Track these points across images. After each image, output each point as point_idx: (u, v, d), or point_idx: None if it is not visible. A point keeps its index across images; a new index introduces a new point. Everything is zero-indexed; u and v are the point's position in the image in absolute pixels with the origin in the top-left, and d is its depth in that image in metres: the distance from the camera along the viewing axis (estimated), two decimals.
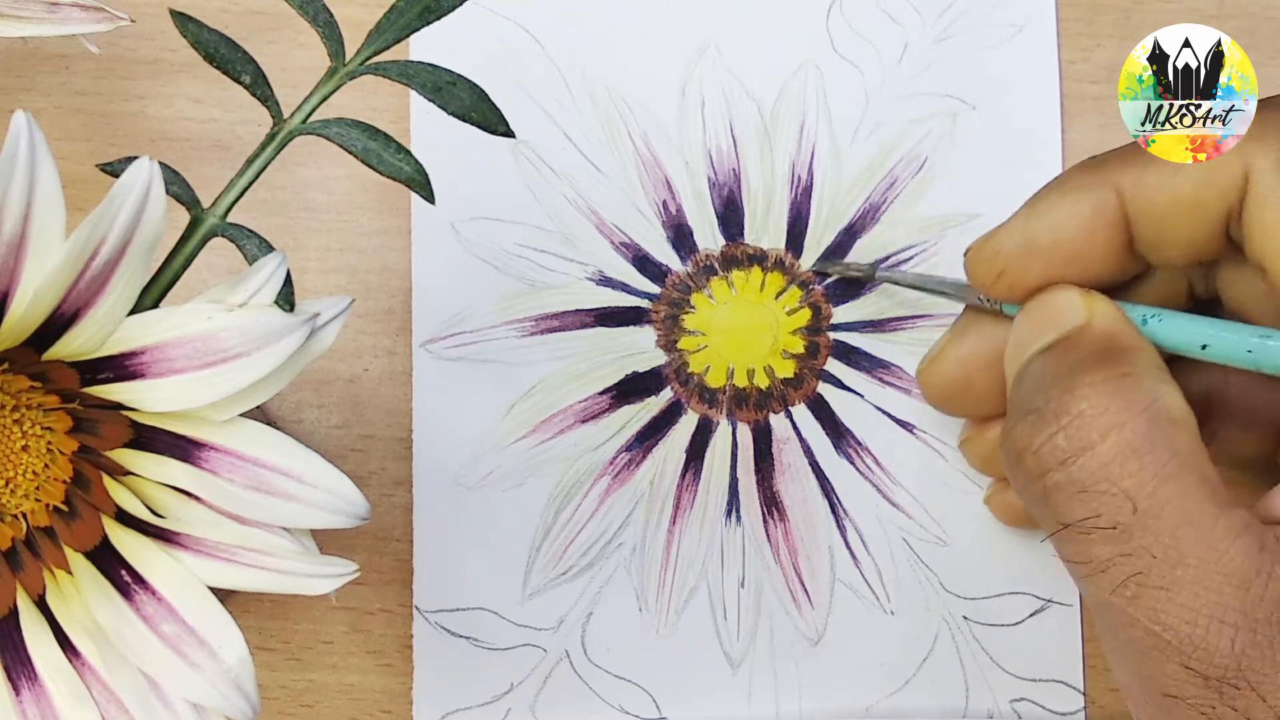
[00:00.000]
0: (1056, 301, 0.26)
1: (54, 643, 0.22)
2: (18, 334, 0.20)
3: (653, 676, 0.33)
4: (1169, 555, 0.22)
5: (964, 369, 0.29)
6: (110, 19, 0.28)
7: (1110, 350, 0.24)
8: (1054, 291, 0.26)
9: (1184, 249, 0.25)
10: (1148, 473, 0.22)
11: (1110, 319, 0.25)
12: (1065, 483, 0.23)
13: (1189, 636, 0.22)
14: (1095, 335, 0.24)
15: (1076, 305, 0.25)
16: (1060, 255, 0.26)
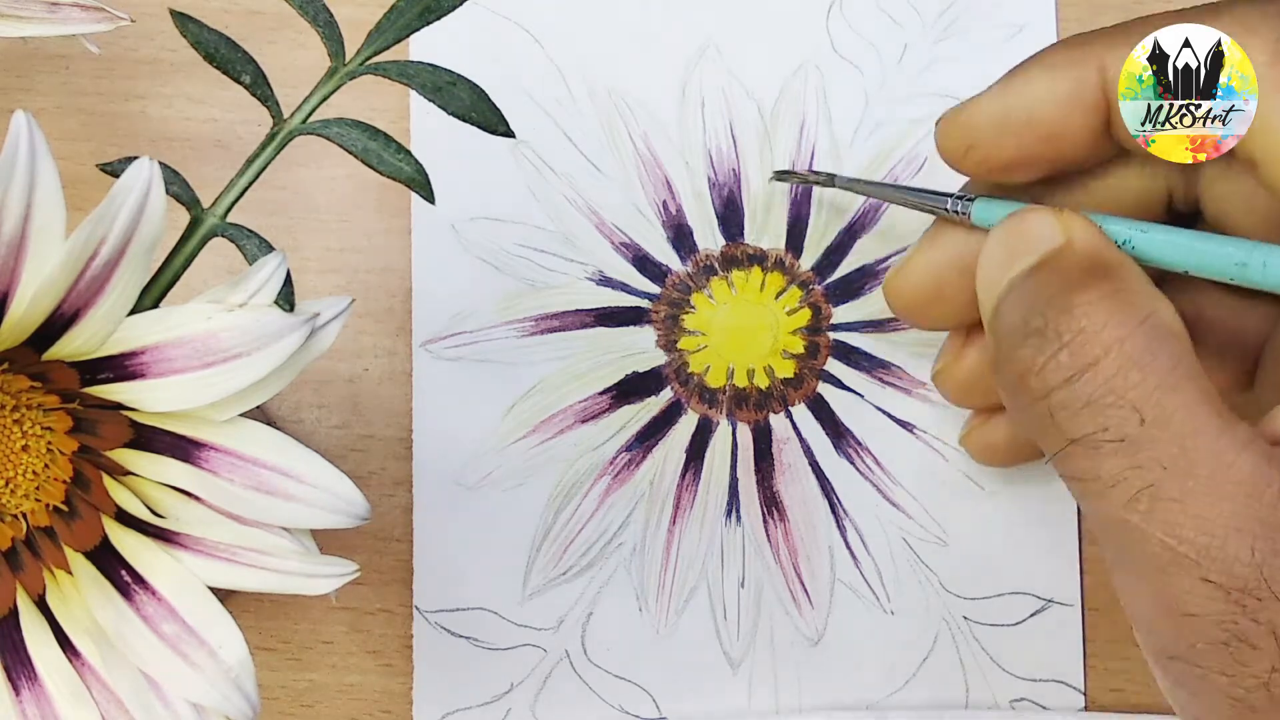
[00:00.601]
0: (1030, 224, 0.25)
1: (54, 643, 0.22)
2: (18, 334, 0.20)
3: (653, 676, 0.33)
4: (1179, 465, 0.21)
5: (934, 277, 0.28)
6: (110, 19, 0.28)
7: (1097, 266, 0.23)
8: (1026, 214, 0.25)
9: None
10: (1151, 383, 0.22)
11: (1090, 236, 0.24)
12: (1070, 399, 0.23)
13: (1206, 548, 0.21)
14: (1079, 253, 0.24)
15: (1052, 226, 0.24)
16: (1035, 133, 0.25)
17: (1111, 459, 0.22)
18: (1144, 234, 0.24)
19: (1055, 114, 0.25)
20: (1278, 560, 0.21)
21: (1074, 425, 0.23)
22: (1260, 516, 0.21)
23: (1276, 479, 0.21)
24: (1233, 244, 0.24)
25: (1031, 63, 0.25)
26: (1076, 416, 0.23)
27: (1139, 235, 0.24)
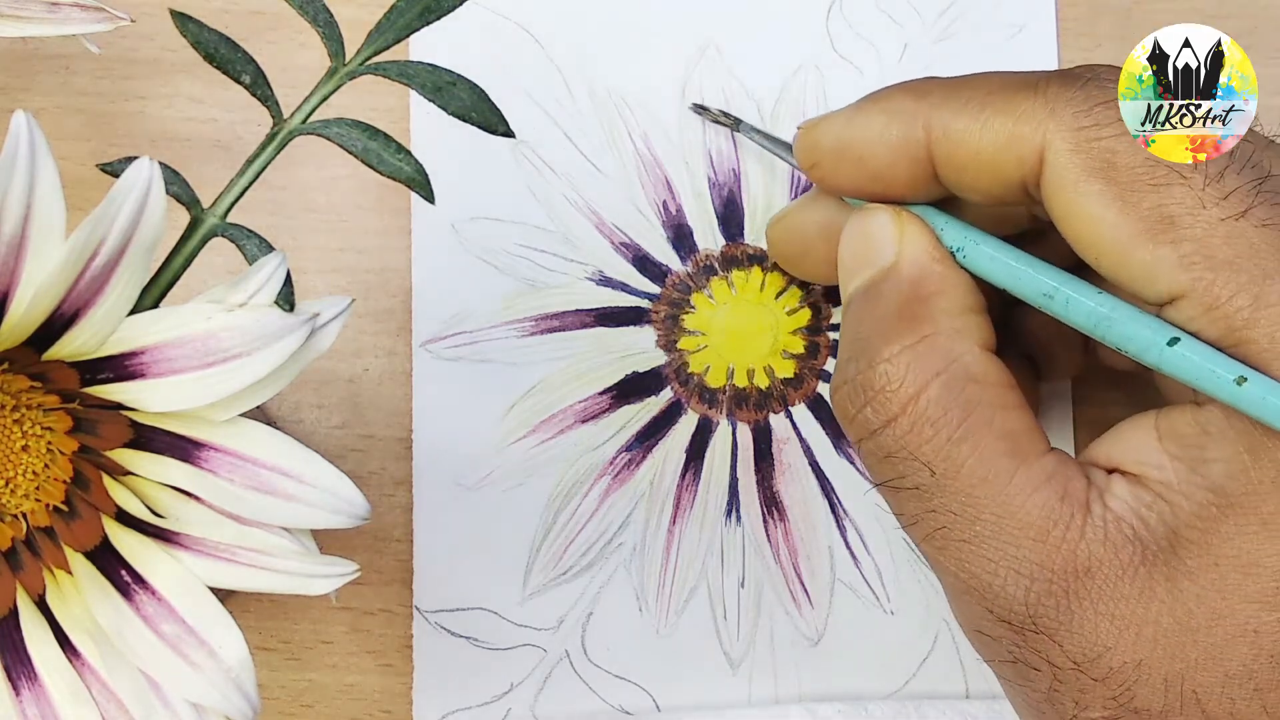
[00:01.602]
0: (871, 227, 0.26)
1: (54, 643, 0.22)
2: (18, 334, 0.20)
3: (653, 676, 0.33)
4: (966, 512, 0.23)
5: (804, 236, 0.30)
6: (110, 19, 0.28)
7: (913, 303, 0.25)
8: (870, 214, 0.26)
9: (984, 197, 0.25)
10: (942, 438, 0.23)
11: (917, 255, 0.25)
12: (875, 449, 0.25)
13: (990, 585, 0.23)
14: (901, 280, 0.25)
15: (888, 236, 0.25)
16: (866, 171, 0.26)
17: (910, 502, 0.24)
18: (975, 245, 0.25)
19: (884, 159, 0.25)
20: (1050, 601, 0.22)
21: (877, 471, 0.25)
22: (1040, 559, 0.22)
23: (1064, 519, 0.23)
24: (1047, 273, 0.24)
25: (875, 100, 0.26)
26: (880, 465, 0.25)
27: (971, 246, 0.25)
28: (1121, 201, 0.22)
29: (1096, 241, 0.23)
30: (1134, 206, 0.22)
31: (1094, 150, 0.23)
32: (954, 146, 0.24)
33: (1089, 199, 0.22)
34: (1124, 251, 0.22)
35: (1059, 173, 0.23)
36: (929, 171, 0.25)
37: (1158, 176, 0.22)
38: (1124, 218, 0.22)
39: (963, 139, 0.24)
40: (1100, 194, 0.22)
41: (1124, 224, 0.22)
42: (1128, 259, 0.22)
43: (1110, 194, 0.22)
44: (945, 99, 0.25)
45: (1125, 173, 0.22)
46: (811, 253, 0.30)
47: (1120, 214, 0.22)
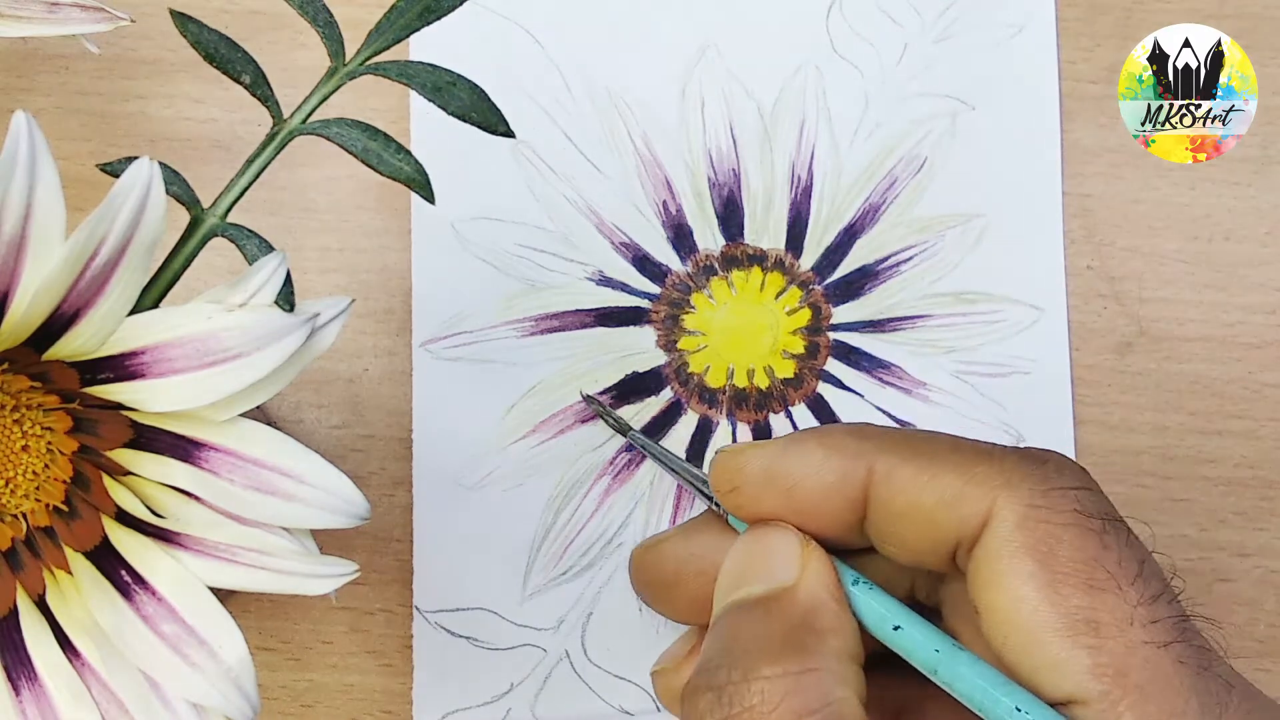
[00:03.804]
0: (774, 544, 0.25)
1: (54, 643, 0.22)
2: (18, 334, 0.20)
3: None
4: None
5: (677, 568, 0.28)
6: (110, 19, 0.28)
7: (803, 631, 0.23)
8: (774, 531, 0.25)
9: (908, 553, 0.24)
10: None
11: (818, 586, 0.24)
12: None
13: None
14: (796, 606, 0.24)
15: (791, 557, 0.24)
16: (792, 504, 0.25)
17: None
18: (863, 589, 0.24)
19: (815, 496, 0.25)
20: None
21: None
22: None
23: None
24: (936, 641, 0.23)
25: (813, 436, 0.25)
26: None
27: (860, 589, 0.24)
28: (1052, 590, 0.22)
29: (1012, 621, 0.22)
30: (1063, 600, 0.22)
31: (1039, 532, 0.22)
32: (895, 493, 0.24)
33: (1019, 578, 0.22)
34: (1037, 640, 0.22)
35: (998, 543, 0.22)
36: (858, 515, 0.25)
37: (1095, 579, 0.22)
38: (1049, 607, 0.22)
39: (906, 487, 0.24)
40: (1032, 576, 0.22)
41: (1046, 613, 0.22)
42: (1038, 648, 0.22)
43: (1042, 579, 0.22)
44: (894, 445, 0.24)
45: (1064, 564, 0.22)
46: (680, 586, 0.28)
47: (1046, 602, 0.22)
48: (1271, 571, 0.33)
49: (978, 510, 0.23)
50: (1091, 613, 0.21)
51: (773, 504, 0.25)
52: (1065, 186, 0.34)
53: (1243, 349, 0.34)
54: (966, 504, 0.23)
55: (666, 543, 0.28)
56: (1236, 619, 0.33)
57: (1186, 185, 0.34)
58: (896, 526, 0.24)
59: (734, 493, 0.26)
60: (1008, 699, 0.22)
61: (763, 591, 0.24)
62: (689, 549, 0.28)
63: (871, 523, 0.25)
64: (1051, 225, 0.34)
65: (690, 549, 0.28)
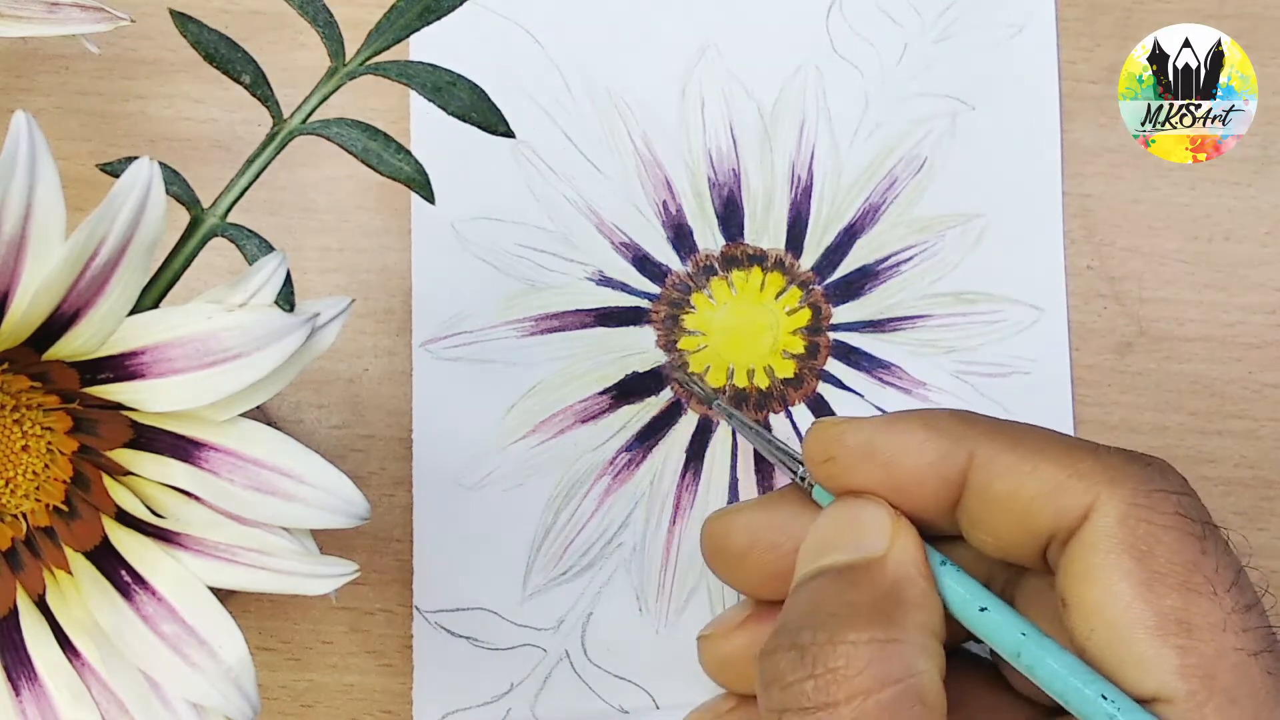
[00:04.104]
0: (864, 515, 0.25)
1: (54, 643, 0.22)
2: (18, 334, 0.20)
3: (653, 676, 0.33)
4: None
5: (750, 539, 0.28)
6: (110, 19, 0.28)
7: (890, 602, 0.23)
8: (866, 503, 0.25)
9: (999, 541, 0.24)
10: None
11: (907, 560, 0.24)
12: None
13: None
14: (884, 577, 0.24)
15: (883, 530, 0.25)
16: (889, 480, 0.25)
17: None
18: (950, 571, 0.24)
19: (913, 474, 0.25)
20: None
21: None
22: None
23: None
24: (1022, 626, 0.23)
25: (918, 415, 0.25)
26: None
27: (947, 569, 0.24)
28: (1146, 588, 0.22)
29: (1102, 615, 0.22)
30: (1157, 598, 0.22)
31: (1140, 530, 0.22)
32: (994, 479, 0.24)
33: (1115, 574, 0.22)
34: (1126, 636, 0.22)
35: (1095, 539, 0.22)
36: (953, 497, 0.25)
37: (1192, 582, 0.22)
38: (1142, 604, 0.22)
39: (1006, 474, 0.24)
40: (1129, 573, 0.22)
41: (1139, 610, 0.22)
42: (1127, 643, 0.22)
43: (1139, 577, 0.22)
44: (996, 432, 0.24)
45: (1162, 564, 0.22)
46: (752, 556, 0.28)
47: (1139, 599, 0.22)
48: (1271, 571, 0.33)
49: (1079, 504, 0.23)
50: (1185, 614, 0.22)
51: (868, 477, 0.25)
52: (1065, 186, 0.34)
53: (1243, 349, 0.34)
54: (1068, 496, 0.23)
55: (742, 513, 0.28)
56: None
57: (1186, 185, 0.34)
58: (991, 514, 0.24)
59: (829, 463, 0.26)
60: (1092, 687, 0.22)
61: (852, 559, 0.24)
62: (768, 520, 0.28)
63: (965, 508, 0.25)
64: (1051, 225, 0.34)
65: (769, 520, 0.28)
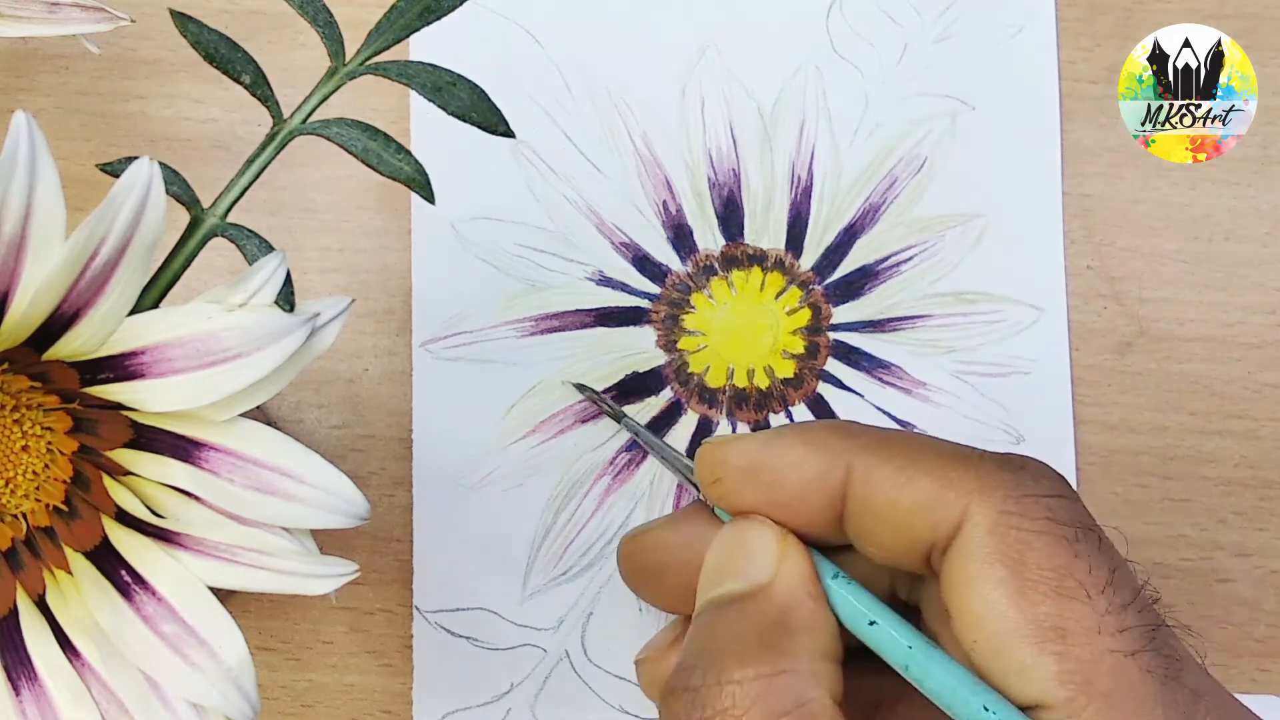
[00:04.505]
0: (751, 540, 0.25)
1: (54, 643, 0.22)
2: (18, 334, 0.20)
3: None
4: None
5: (664, 557, 0.28)
6: (110, 19, 0.28)
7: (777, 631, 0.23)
8: (752, 525, 0.25)
9: (885, 552, 0.24)
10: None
11: (794, 583, 0.24)
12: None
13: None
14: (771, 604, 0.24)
15: (769, 553, 0.25)
16: (773, 498, 0.25)
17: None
18: (841, 584, 0.24)
19: (795, 491, 0.25)
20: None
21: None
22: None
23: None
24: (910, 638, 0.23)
25: (797, 431, 0.25)
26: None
27: (838, 584, 0.24)
28: (1020, 596, 0.22)
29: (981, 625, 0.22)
30: (1031, 606, 0.22)
31: (1010, 538, 0.22)
32: (872, 492, 0.24)
33: (988, 584, 0.22)
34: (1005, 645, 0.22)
35: (969, 548, 0.22)
36: (837, 512, 0.25)
37: (1064, 588, 0.22)
38: (1017, 613, 0.22)
39: (883, 487, 0.24)
40: (1001, 582, 0.22)
41: (1015, 619, 0.22)
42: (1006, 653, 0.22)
43: (1011, 585, 0.22)
44: (873, 445, 0.24)
45: (1033, 571, 0.22)
46: (667, 575, 0.28)
47: (1015, 608, 0.22)
48: (1271, 571, 0.33)
49: (951, 515, 0.23)
50: (1059, 620, 0.22)
51: (754, 497, 0.25)
52: (1065, 186, 0.34)
53: (1243, 349, 0.34)
54: (941, 508, 0.23)
55: (653, 532, 0.28)
56: (1236, 619, 0.33)
57: (1186, 185, 0.34)
58: (873, 526, 0.24)
59: (716, 484, 0.26)
60: (976, 698, 0.22)
61: (740, 589, 0.25)
62: (676, 538, 0.28)
63: (849, 521, 0.25)
64: (1051, 225, 0.34)
65: (677, 538, 0.28)
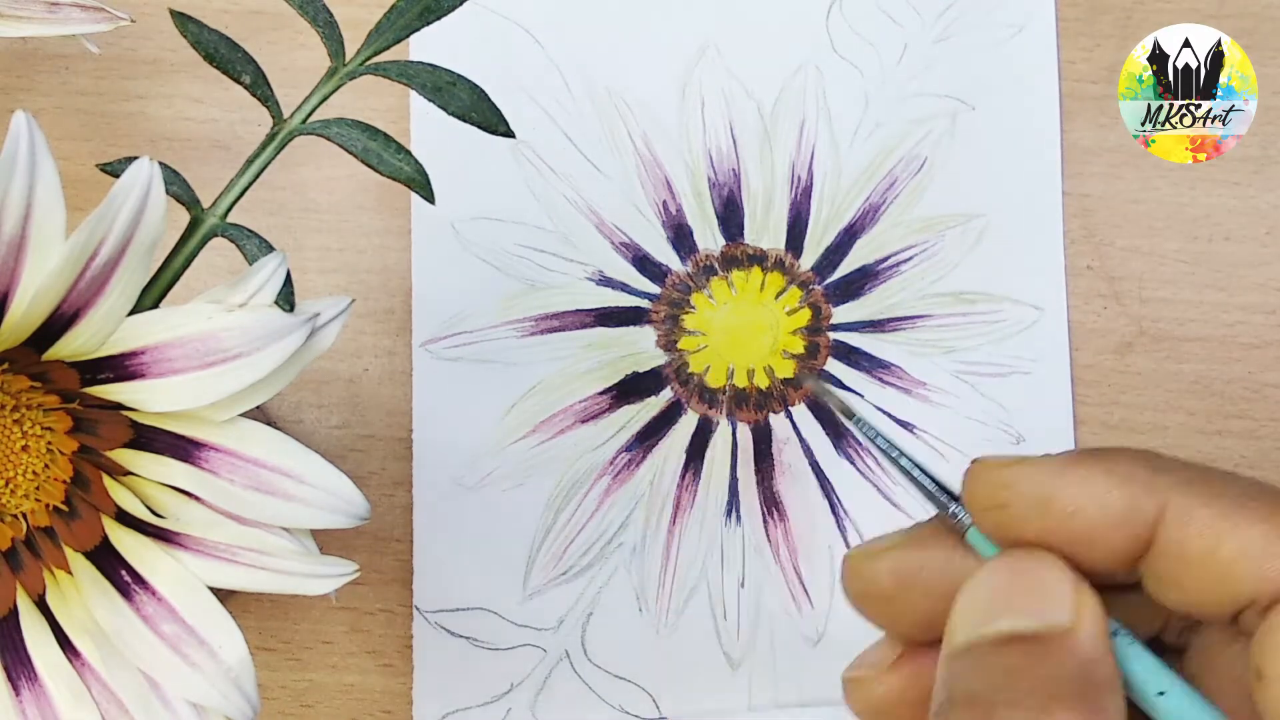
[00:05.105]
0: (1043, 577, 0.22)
1: (54, 643, 0.22)
2: (18, 334, 0.20)
3: (653, 676, 0.33)
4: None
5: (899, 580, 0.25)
6: (110, 19, 0.28)
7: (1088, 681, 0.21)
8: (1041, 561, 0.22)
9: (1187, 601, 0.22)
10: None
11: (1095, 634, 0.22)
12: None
13: None
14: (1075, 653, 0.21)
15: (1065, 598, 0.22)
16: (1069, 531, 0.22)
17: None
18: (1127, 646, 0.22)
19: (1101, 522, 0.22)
20: None
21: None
22: None
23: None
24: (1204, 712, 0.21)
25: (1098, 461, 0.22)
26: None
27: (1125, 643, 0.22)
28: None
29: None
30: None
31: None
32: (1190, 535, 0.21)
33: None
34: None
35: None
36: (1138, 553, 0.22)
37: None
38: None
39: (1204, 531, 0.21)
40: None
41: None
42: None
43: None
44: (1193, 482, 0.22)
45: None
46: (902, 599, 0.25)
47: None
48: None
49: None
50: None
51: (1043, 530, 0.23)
52: (1065, 186, 0.34)
53: (1243, 349, 0.34)
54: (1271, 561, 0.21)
55: (891, 551, 0.25)
56: None
57: (1186, 185, 0.34)
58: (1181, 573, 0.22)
59: (998, 510, 0.23)
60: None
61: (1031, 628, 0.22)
62: (918, 560, 0.25)
63: (1152, 565, 0.22)
64: (1051, 225, 0.34)
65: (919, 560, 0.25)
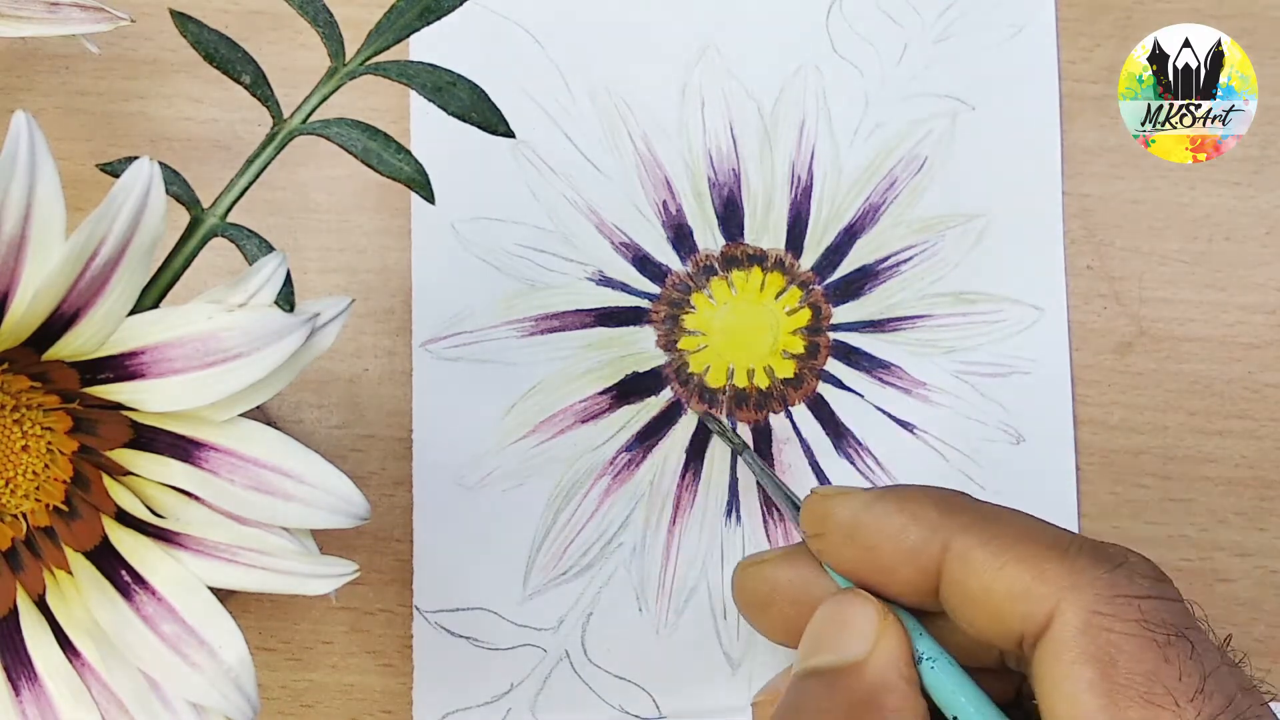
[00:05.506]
0: (850, 615, 0.25)
1: (54, 643, 0.22)
2: (18, 334, 0.20)
3: (653, 676, 0.33)
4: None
5: (773, 590, 0.28)
6: (110, 19, 0.28)
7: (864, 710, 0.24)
8: (854, 601, 0.25)
9: (977, 632, 0.24)
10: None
11: (887, 662, 0.24)
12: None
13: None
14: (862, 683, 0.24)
15: (867, 631, 0.25)
16: (871, 562, 0.25)
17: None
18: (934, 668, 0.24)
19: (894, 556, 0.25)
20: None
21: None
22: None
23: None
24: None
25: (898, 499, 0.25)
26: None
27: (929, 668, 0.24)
28: (1109, 700, 0.22)
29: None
30: (1120, 711, 0.22)
31: (1101, 640, 0.22)
32: (968, 575, 0.24)
33: (1078, 684, 0.22)
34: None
35: (1059, 645, 0.22)
36: (932, 584, 0.25)
37: (1153, 694, 0.22)
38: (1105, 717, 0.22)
39: (978, 570, 0.24)
40: (1091, 684, 0.22)
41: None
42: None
43: (1101, 688, 0.22)
44: (972, 525, 0.24)
45: (1123, 675, 0.22)
46: (774, 608, 0.28)
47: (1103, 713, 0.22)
48: (1271, 571, 0.33)
49: (1043, 608, 0.23)
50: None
51: (853, 558, 0.26)
52: (1065, 186, 0.34)
53: (1243, 349, 0.34)
54: (1033, 601, 0.23)
55: (766, 564, 0.29)
56: (1237, 619, 0.33)
57: (1186, 185, 0.34)
58: (966, 607, 0.24)
59: (817, 539, 0.26)
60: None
61: (833, 663, 0.25)
62: (787, 574, 0.28)
63: (944, 596, 0.25)
64: (1051, 225, 0.34)
65: (788, 575, 0.28)
